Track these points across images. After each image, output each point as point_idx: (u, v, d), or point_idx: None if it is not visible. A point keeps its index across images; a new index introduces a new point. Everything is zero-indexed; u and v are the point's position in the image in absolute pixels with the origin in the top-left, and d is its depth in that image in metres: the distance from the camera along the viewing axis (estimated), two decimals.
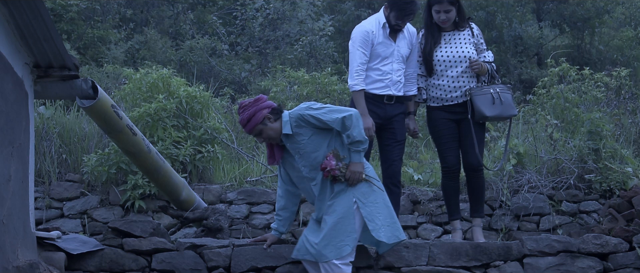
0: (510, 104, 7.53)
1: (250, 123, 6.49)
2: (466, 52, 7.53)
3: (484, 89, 7.48)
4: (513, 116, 7.70)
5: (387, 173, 7.56)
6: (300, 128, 6.48)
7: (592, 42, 17.93)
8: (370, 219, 6.46)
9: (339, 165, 6.43)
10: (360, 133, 6.40)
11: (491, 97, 7.44)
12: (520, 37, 17.52)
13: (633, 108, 10.92)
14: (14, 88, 5.83)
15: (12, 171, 5.75)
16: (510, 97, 7.57)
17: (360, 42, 7.45)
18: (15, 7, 5.45)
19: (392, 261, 7.02)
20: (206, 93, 9.52)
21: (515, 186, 8.85)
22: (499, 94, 7.46)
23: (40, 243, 6.52)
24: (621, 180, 8.67)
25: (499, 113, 7.46)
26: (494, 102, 7.43)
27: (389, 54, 7.48)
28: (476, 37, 7.62)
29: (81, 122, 9.50)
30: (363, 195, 6.49)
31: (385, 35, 7.47)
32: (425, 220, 8.78)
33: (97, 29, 16.86)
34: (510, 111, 7.54)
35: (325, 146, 6.47)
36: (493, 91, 7.48)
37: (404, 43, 7.56)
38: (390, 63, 7.48)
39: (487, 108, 7.42)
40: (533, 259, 7.12)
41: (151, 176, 7.78)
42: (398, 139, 7.55)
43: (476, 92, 7.47)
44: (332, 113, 6.40)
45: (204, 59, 16.22)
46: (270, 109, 6.52)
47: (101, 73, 13.33)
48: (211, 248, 7.07)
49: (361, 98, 7.39)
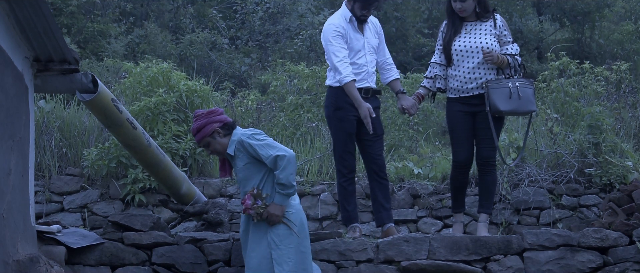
0: (530, 100, 7.38)
1: (199, 134, 6.50)
2: (484, 43, 7.44)
3: (503, 82, 7.35)
4: (532, 112, 7.55)
5: (373, 168, 7.59)
6: (240, 152, 6.44)
7: (592, 36, 17.92)
8: (279, 262, 6.33)
9: (257, 204, 6.33)
10: (288, 178, 6.27)
11: (509, 91, 7.30)
12: (520, 31, 17.51)
13: (633, 102, 10.92)
14: (14, 82, 5.82)
15: (12, 165, 5.75)
16: (531, 93, 7.42)
17: (335, 37, 7.45)
18: (15, 1, 5.45)
19: (392, 255, 7.03)
20: (206, 87, 9.52)
21: (515, 180, 8.85)
22: (517, 89, 7.31)
23: (41, 237, 6.52)
24: (621, 173, 8.67)
25: (515, 107, 7.35)
26: (511, 96, 7.29)
27: (361, 47, 7.53)
28: (499, 28, 7.51)
29: (81, 116, 9.50)
30: (278, 237, 6.36)
31: (354, 28, 7.52)
32: (425, 214, 8.78)
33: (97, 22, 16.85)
34: (529, 106, 7.40)
35: (258, 179, 6.40)
36: (512, 84, 7.32)
37: (371, 34, 7.63)
38: (363, 55, 7.53)
39: (502, 102, 7.30)
40: (533, 253, 7.13)
41: (151, 170, 7.77)
42: (378, 134, 7.56)
43: (493, 85, 7.35)
44: (268, 148, 6.32)
45: (204, 53, 16.22)
46: (222, 123, 6.49)
47: (101, 67, 13.33)
48: (211, 242, 7.08)
49: (353, 88, 7.37)
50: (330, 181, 8.96)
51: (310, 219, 8.72)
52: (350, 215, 7.59)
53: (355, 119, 7.45)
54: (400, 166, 9.11)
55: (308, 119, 10.62)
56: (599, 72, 11.16)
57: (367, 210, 8.62)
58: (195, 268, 6.96)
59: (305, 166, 9.24)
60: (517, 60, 7.50)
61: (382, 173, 7.59)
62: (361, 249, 7.07)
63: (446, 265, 6.98)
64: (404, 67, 15.67)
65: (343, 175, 7.57)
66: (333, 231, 7.42)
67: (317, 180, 9.03)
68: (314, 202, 8.80)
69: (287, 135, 10.28)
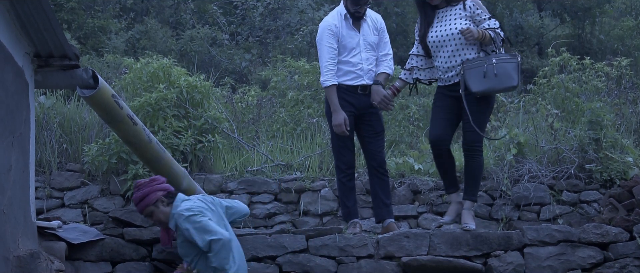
0: (509, 75, 7.04)
1: (143, 202, 6.42)
2: (453, 30, 7.25)
3: (478, 61, 7.09)
4: (512, 87, 7.18)
5: (373, 164, 7.62)
6: (177, 229, 6.37)
7: (592, 31, 17.92)
8: None
9: None
10: (221, 262, 6.19)
11: (483, 70, 7.03)
12: (521, 27, 17.51)
13: (634, 98, 10.91)
14: (14, 78, 5.82)
15: (13, 161, 5.75)
16: (512, 68, 7.07)
17: (326, 37, 7.52)
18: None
19: (393, 250, 7.03)
20: (207, 83, 9.51)
21: (515, 176, 8.85)
22: (494, 66, 7.01)
23: (41, 233, 6.52)
24: (622, 169, 8.67)
25: (490, 86, 7.04)
26: (485, 75, 7.01)
27: (356, 44, 7.52)
28: (469, 9, 7.27)
29: (82, 112, 9.50)
30: None
31: (349, 26, 7.53)
32: (426, 210, 8.78)
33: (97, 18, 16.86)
34: (506, 83, 7.06)
35: (193, 255, 6.35)
36: (488, 63, 7.05)
37: (369, 30, 7.61)
38: (358, 53, 7.52)
39: (476, 82, 7.06)
40: (533, 249, 7.13)
41: (152, 165, 7.77)
42: (377, 131, 7.58)
43: (469, 65, 7.11)
44: (203, 233, 6.20)
45: (205, 48, 16.22)
46: (166, 192, 6.44)
47: (102, 63, 13.33)
48: None
49: (333, 94, 7.44)
50: (331, 177, 8.96)
51: (310, 215, 8.74)
52: (350, 211, 7.60)
53: (351, 116, 7.47)
54: (400, 162, 9.11)
55: (308, 115, 10.62)
56: (600, 68, 11.15)
57: (367, 205, 8.62)
58: None
59: (306, 162, 9.24)
60: (500, 34, 7.22)
61: (382, 169, 7.61)
62: (361, 245, 7.08)
63: (446, 260, 6.98)
64: (405, 62, 15.65)
65: (342, 171, 7.59)
66: (333, 227, 7.43)
67: (318, 176, 9.03)
68: (314, 198, 8.80)
69: (288, 131, 10.28)
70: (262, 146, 9.73)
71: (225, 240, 6.16)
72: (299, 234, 7.17)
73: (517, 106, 10.36)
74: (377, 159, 7.59)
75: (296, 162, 9.28)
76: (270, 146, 9.71)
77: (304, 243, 7.11)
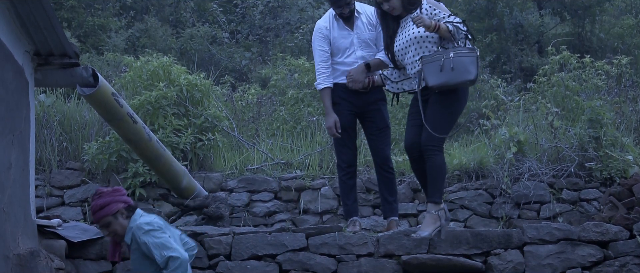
0: (466, 69, 6.73)
1: (102, 211, 6.07)
2: (411, 35, 6.96)
3: (436, 55, 6.81)
4: (467, 81, 6.81)
5: (377, 161, 7.61)
6: (133, 243, 6.14)
7: (592, 30, 17.90)
8: None
9: None
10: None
11: (440, 63, 6.75)
12: (521, 25, 17.50)
13: (634, 96, 10.92)
14: (14, 76, 5.83)
15: (13, 159, 5.75)
16: (469, 61, 6.76)
17: (317, 40, 7.55)
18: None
19: (393, 249, 7.03)
20: (207, 81, 9.51)
21: (515, 174, 8.85)
22: (451, 60, 6.71)
23: (41, 231, 6.52)
24: (622, 167, 8.67)
25: (446, 80, 6.72)
26: (442, 69, 6.72)
27: (349, 44, 7.50)
28: (426, 11, 6.92)
29: (82, 110, 9.50)
30: None
31: (341, 26, 7.51)
32: (426, 208, 8.77)
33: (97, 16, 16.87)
34: (462, 76, 6.74)
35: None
36: (445, 56, 6.73)
37: (364, 27, 7.52)
38: (353, 53, 7.49)
39: (433, 76, 6.77)
40: (533, 247, 7.13)
41: (152, 164, 7.78)
42: (379, 127, 7.54)
43: (427, 59, 6.83)
44: (162, 248, 5.95)
45: (205, 47, 16.23)
46: (127, 205, 6.13)
47: (102, 61, 13.33)
48: (212, 236, 7.08)
49: (325, 96, 7.47)
50: (331, 175, 8.96)
51: (310, 213, 8.75)
52: (349, 209, 7.60)
53: (351, 114, 7.47)
54: (401, 160, 9.11)
55: (308, 113, 10.63)
56: (600, 66, 11.15)
57: (367, 204, 8.63)
58: (196, 262, 6.95)
59: (306, 160, 9.24)
60: (461, 28, 6.89)
61: (385, 165, 7.58)
62: (362, 243, 7.07)
63: (447, 259, 6.98)
64: None
65: (342, 169, 7.59)
66: (333, 225, 7.43)
67: (318, 174, 9.03)
68: (314, 196, 8.81)
69: (288, 129, 10.29)
70: (262, 144, 9.73)
71: (183, 260, 5.97)
72: (299, 232, 7.16)
73: (517, 104, 10.36)
74: (381, 156, 7.57)
75: (296, 160, 9.28)
76: (270, 145, 9.71)
77: (304, 242, 7.11)
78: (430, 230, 7.01)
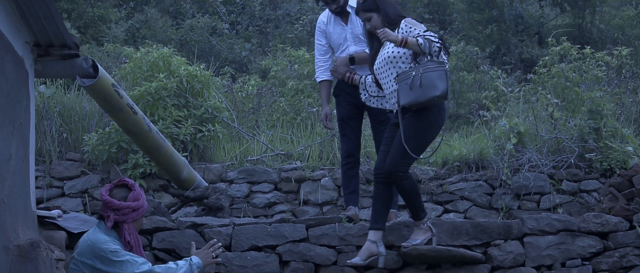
0: (432, 85, 6.44)
1: (133, 214, 5.73)
2: (385, 55, 6.77)
3: (408, 72, 6.55)
4: (435, 97, 6.47)
5: None
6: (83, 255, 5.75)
7: (593, 21, 17.88)
8: None
9: None
10: None
11: (409, 82, 6.48)
12: (521, 16, 17.47)
13: (634, 87, 10.92)
14: (14, 67, 5.82)
15: (13, 150, 5.75)
16: (436, 76, 6.47)
17: (316, 35, 7.75)
18: None
19: (393, 240, 7.03)
20: (207, 72, 9.51)
21: (515, 165, 8.85)
22: (420, 76, 6.45)
23: (41, 222, 6.52)
24: (622, 159, 8.68)
25: (414, 98, 6.48)
26: (412, 87, 6.49)
27: (343, 40, 7.56)
28: (401, 31, 6.71)
29: (82, 101, 9.50)
30: None
31: (337, 21, 7.59)
32: (426, 199, 8.77)
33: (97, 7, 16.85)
34: (428, 93, 6.44)
35: None
36: (416, 72, 6.48)
37: (358, 22, 7.47)
38: (347, 48, 7.53)
39: (404, 95, 6.53)
40: (533, 238, 7.13)
41: (152, 155, 7.78)
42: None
43: (401, 78, 6.60)
44: (129, 266, 5.52)
45: (205, 38, 16.22)
46: None
47: (102, 52, 13.33)
48: (212, 227, 7.09)
49: (322, 89, 7.71)
50: (331, 167, 8.97)
51: (310, 204, 8.75)
52: (347, 199, 7.62)
53: (350, 105, 7.48)
54: None
55: (309, 105, 10.63)
56: (600, 57, 11.15)
57: (367, 195, 8.63)
58: None
59: (306, 151, 9.25)
60: (433, 41, 6.55)
61: None
62: (361, 234, 7.07)
63: (446, 250, 6.98)
64: None
65: (343, 159, 7.65)
66: (333, 216, 7.43)
67: (318, 165, 9.03)
68: (314, 187, 8.81)
69: (288, 120, 10.28)
70: (262, 135, 9.73)
71: None
72: (299, 223, 7.17)
73: (517, 95, 10.35)
74: None
75: (296, 151, 9.28)
76: (270, 136, 9.71)
77: (304, 233, 7.12)
78: (422, 239, 6.92)
